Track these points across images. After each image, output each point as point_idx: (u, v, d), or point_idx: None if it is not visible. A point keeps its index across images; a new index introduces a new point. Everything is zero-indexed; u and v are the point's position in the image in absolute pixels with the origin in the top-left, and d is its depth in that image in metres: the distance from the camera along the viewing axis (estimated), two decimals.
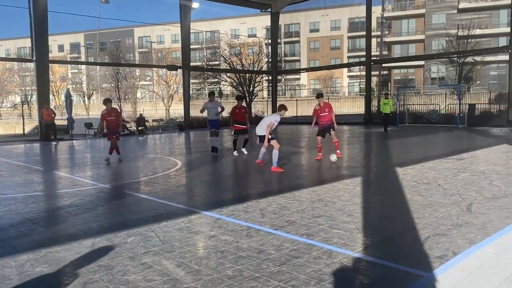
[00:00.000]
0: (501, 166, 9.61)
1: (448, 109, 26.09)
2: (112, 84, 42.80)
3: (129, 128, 25.19)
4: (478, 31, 38.05)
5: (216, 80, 43.30)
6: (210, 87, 55.27)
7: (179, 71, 30.24)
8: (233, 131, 12.63)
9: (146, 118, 27.63)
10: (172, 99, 48.87)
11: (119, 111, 12.76)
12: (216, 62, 44.94)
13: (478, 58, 34.81)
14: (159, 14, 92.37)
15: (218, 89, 41.71)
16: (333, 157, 10.57)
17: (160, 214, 5.96)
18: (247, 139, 12.73)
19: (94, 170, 10.71)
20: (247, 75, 35.04)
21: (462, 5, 44.18)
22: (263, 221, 5.44)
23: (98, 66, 54.95)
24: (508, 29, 26.51)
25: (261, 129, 9.72)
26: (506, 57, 25.52)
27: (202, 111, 13.31)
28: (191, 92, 31.43)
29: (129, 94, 47.11)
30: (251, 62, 36.74)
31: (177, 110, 37.06)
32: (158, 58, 55.15)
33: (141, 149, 16.58)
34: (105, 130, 12.26)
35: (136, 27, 68.57)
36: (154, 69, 50.89)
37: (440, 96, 27.98)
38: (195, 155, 13.18)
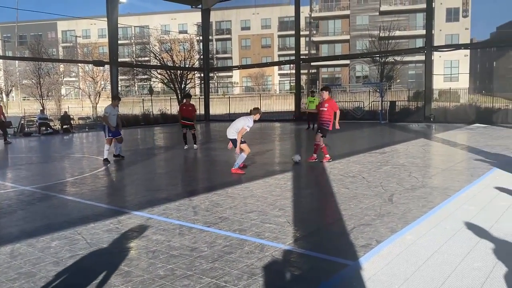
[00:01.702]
0: (419, 159, 10.36)
1: (371, 106, 27.60)
2: (33, 80, 40.11)
3: (52, 127, 23.77)
4: (397, 33, 40.53)
5: (146, 76, 42.12)
6: (140, 83, 53.65)
7: (107, 67, 29.03)
8: (181, 127, 13.40)
9: (71, 116, 26.21)
10: (99, 96, 46.84)
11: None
12: (146, 58, 43.73)
13: (398, 58, 37.14)
14: (85, 7, 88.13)
15: (149, 85, 40.64)
16: (296, 157, 9.92)
17: (87, 216, 5.70)
18: (194, 133, 13.42)
19: (13, 172, 9.98)
20: (179, 72, 34.50)
21: (383, 8, 46.79)
22: (195, 219, 5.42)
23: (17, 61, 51.09)
24: (424, 31, 28.52)
25: (231, 133, 8.73)
26: (422, 57, 27.45)
27: (106, 119, 10.98)
28: (119, 88, 30.32)
29: (53, 90, 44.40)
30: (183, 59, 36.23)
31: (104, 107, 35.56)
32: (84, 53, 52.51)
33: (67, 149, 15.72)
34: None
35: (60, 20, 64.72)
36: (79, 64, 48.35)
37: (364, 93, 29.53)
38: (124, 153, 12.72)
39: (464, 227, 4.85)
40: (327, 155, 10.08)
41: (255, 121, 8.86)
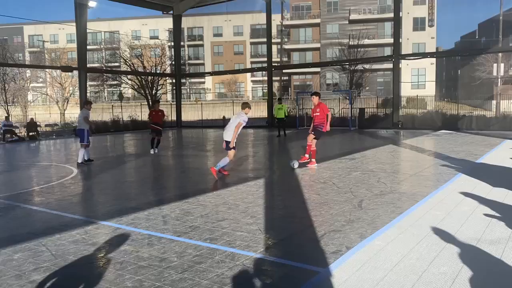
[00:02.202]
0: (388, 165, 10.56)
1: (341, 113, 28.03)
2: None
3: (18, 134, 23.01)
4: (366, 41, 41.43)
5: (116, 82, 41.50)
6: (109, 89, 52.80)
7: (75, 72, 28.40)
8: (150, 131, 14.37)
9: (38, 123, 25.47)
10: (67, 103, 45.79)
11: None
12: (116, 64, 43.12)
13: (367, 66, 37.95)
14: (53, 11, 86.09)
15: (119, 91, 40.01)
16: (295, 164, 10.08)
17: (52, 226, 5.52)
18: (159, 140, 14.19)
19: None
20: (150, 77, 34.14)
21: (352, 17, 47.73)
22: (165, 228, 5.32)
23: None
24: (392, 40, 29.25)
25: (229, 135, 8.95)
26: (390, 65, 28.16)
27: (88, 120, 12.21)
28: (88, 94, 29.69)
29: (19, 97, 43.06)
30: (154, 65, 35.88)
31: (73, 114, 34.81)
32: (52, 59, 51.24)
33: (33, 157, 15.23)
34: None
35: (26, 25, 62.94)
36: (47, 70, 47.11)
37: (335, 100, 29.96)
38: (93, 161, 12.44)
39: (431, 232, 4.96)
40: (314, 159, 10.46)
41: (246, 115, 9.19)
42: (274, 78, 34.52)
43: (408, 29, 45.52)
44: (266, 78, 32.40)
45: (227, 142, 8.99)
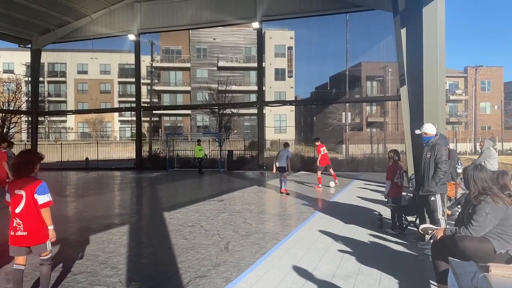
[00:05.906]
0: (253, 205, 10.96)
1: (211, 155, 28.55)
2: None
3: None
4: (234, 87, 43.56)
5: None
6: None
7: None
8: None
9: None
10: None
11: None
12: None
13: (234, 110, 39.70)
14: None
15: None
16: (331, 184, 15.15)
17: None
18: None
19: None
20: (1, 115, 30.71)
21: (220, 64, 49.93)
22: None
23: None
24: (257, 88, 31.24)
25: (282, 162, 13.14)
26: (256, 110, 29.88)
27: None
28: None
29: None
30: (6, 101, 32.56)
31: None
32: None
33: None
34: None
35: None
36: None
37: (205, 142, 30.41)
38: None
39: (291, 271, 5.24)
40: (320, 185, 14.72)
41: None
42: (143, 119, 33.84)
43: (270, 78, 49.21)
44: (135, 118, 31.54)
45: (281, 168, 13.14)
